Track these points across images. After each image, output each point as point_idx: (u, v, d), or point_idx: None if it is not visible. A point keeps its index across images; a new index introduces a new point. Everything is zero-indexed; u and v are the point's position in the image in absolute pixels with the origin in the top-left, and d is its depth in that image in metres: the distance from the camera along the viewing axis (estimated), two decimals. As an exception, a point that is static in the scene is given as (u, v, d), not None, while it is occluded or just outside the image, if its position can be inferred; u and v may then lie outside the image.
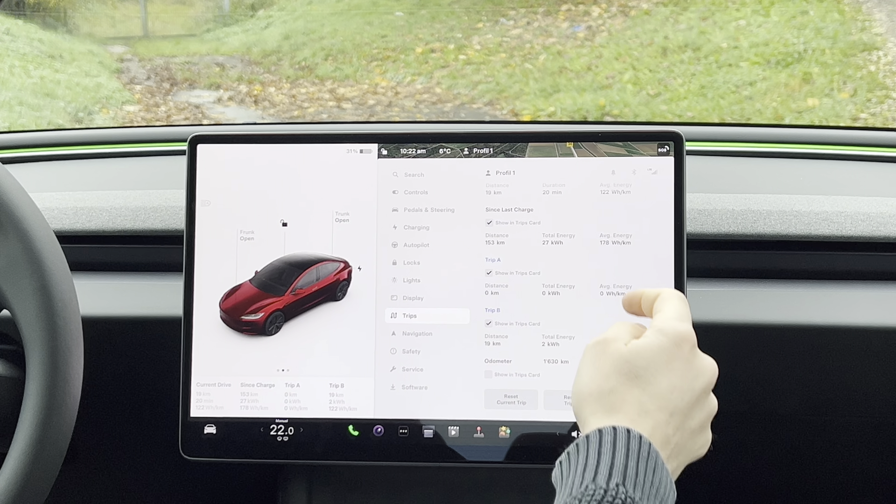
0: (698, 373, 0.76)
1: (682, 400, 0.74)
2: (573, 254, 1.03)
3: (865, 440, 1.17)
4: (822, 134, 1.47)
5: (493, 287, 1.03)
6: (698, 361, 0.77)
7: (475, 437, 1.02)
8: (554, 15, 5.66)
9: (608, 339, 0.77)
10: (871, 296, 1.14)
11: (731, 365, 1.12)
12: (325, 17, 6.07)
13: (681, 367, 0.75)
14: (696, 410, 0.76)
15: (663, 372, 0.74)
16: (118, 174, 1.46)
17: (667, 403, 0.74)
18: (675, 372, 0.75)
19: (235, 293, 1.05)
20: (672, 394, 0.74)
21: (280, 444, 1.04)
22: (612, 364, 0.75)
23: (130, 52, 6.01)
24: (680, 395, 0.74)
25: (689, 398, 0.75)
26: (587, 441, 0.71)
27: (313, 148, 1.06)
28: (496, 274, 1.03)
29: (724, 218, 1.17)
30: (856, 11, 5.12)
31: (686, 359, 0.76)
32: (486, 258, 1.04)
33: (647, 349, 0.75)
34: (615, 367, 0.75)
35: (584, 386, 0.76)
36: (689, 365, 0.76)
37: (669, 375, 0.75)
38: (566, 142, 1.04)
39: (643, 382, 0.74)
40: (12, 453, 0.89)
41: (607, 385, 0.74)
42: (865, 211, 1.18)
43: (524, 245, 1.03)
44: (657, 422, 0.73)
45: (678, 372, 0.75)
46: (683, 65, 4.86)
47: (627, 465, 0.69)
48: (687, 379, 0.75)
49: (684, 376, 0.75)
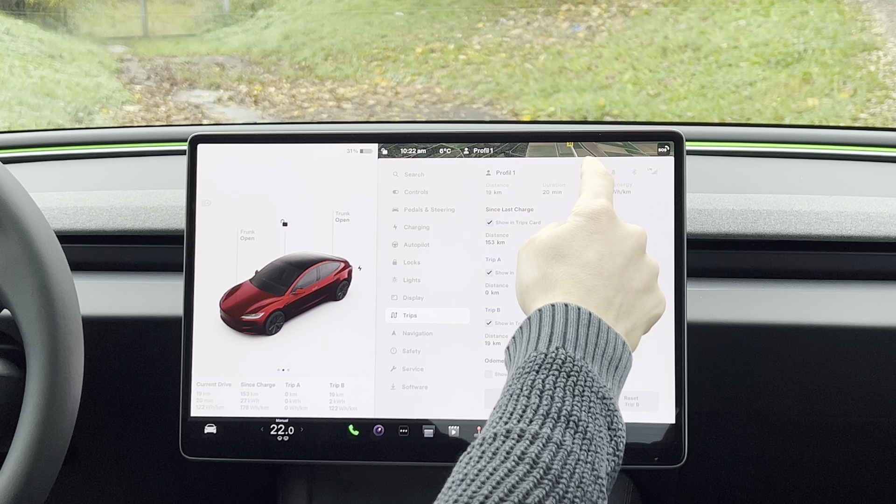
0: (623, 237, 0.79)
1: (614, 263, 0.77)
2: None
3: (864, 440, 1.17)
4: (821, 134, 1.47)
5: (493, 287, 1.03)
6: (620, 228, 0.80)
7: (475, 436, 1.02)
8: (554, 15, 5.66)
9: (532, 237, 0.80)
10: (871, 295, 1.14)
11: (731, 365, 1.12)
12: (325, 17, 6.07)
13: (602, 237, 0.78)
14: (633, 271, 0.78)
15: (587, 245, 0.77)
16: (118, 174, 1.46)
17: (598, 270, 0.76)
18: (598, 242, 0.77)
19: (236, 293, 1.05)
20: (601, 260, 0.77)
21: (280, 444, 1.04)
22: (538, 253, 0.78)
23: (130, 52, 6.01)
24: (610, 259, 0.77)
25: (620, 261, 0.78)
26: (528, 322, 0.74)
27: (313, 148, 1.06)
28: (496, 274, 1.03)
29: (725, 218, 1.17)
30: (856, 11, 5.12)
31: (606, 228, 0.79)
32: (486, 258, 1.04)
33: (565, 231, 0.78)
34: (542, 254, 0.78)
35: (521, 282, 0.79)
36: (611, 233, 0.79)
37: (594, 246, 0.77)
38: (566, 142, 1.04)
39: (570, 258, 0.77)
40: (13, 453, 0.89)
41: (539, 272, 0.77)
42: (865, 211, 1.18)
43: (524, 245, 1.03)
44: (592, 287, 0.75)
45: (601, 241, 0.78)
46: (683, 65, 4.86)
47: (566, 331, 0.72)
48: (612, 244, 0.78)
49: (609, 243, 0.78)
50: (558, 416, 0.67)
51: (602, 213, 0.79)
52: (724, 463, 1.19)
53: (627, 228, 0.80)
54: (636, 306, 0.78)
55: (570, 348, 0.71)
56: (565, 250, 0.77)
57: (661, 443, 1.01)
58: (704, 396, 1.09)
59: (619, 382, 0.74)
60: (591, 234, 0.78)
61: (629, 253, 0.78)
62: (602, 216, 0.79)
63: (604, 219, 0.79)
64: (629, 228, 0.80)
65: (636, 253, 0.79)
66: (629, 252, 0.78)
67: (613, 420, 0.70)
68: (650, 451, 1.01)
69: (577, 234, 0.78)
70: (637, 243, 0.80)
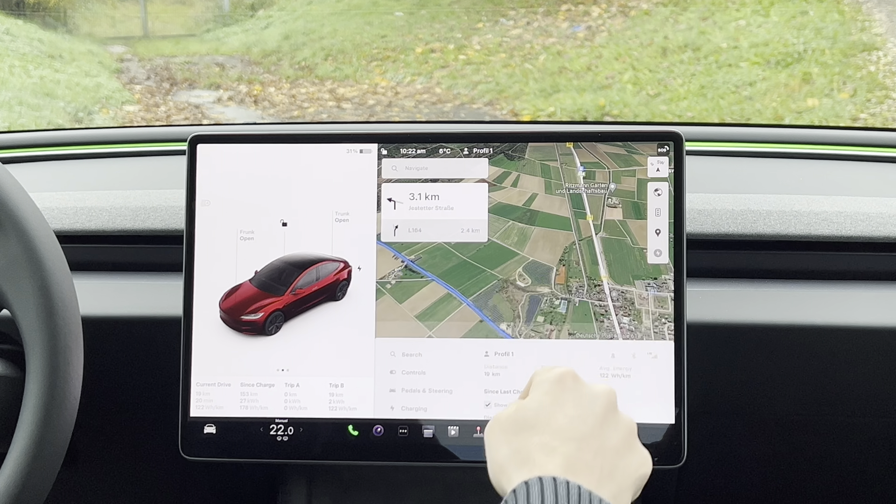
0: (592, 398, 0.76)
1: (586, 424, 0.74)
2: (573, 254, 1.03)
3: (865, 440, 1.17)
4: (821, 134, 1.47)
5: (492, 287, 1.03)
6: (587, 389, 0.77)
7: (475, 437, 1.02)
8: (554, 15, 5.66)
9: (496, 415, 0.77)
10: (871, 296, 1.14)
11: (731, 365, 1.12)
12: (325, 17, 6.07)
13: (571, 398, 0.75)
14: (609, 431, 0.75)
15: (555, 410, 0.75)
16: (118, 174, 1.46)
17: (571, 433, 0.73)
18: (568, 405, 0.75)
19: (235, 293, 1.05)
20: (573, 423, 0.74)
21: (280, 444, 1.04)
22: (506, 430, 0.75)
23: (130, 52, 6.01)
24: (581, 421, 0.74)
25: (592, 421, 0.75)
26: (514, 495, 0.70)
27: (313, 148, 1.06)
28: (496, 274, 1.03)
29: (724, 218, 1.17)
30: (856, 12, 5.12)
31: (573, 389, 0.76)
32: (485, 258, 1.04)
33: (531, 401, 0.76)
34: (510, 429, 0.75)
35: (493, 463, 0.76)
36: (579, 394, 0.76)
37: (563, 410, 0.75)
38: (566, 142, 1.04)
39: (540, 427, 0.74)
40: (12, 453, 0.89)
41: (510, 448, 0.74)
42: (865, 211, 1.18)
43: (524, 245, 1.03)
44: (568, 453, 0.72)
45: (570, 403, 0.75)
46: (683, 65, 4.86)
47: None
48: (582, 406, 0.75)
49: (578, 405, 0.75)
50: None
51: (565, 375, 0.77)
52: (723, 463, 1.19)
53: (595, 388, 0.77)
54: (618, 467, 0.74)
55: None
56: (533, 420, 0.74)
57: (660, 443, 1.01)
58: (704, 397, 1.09)
59: None
60: (557, 398, 0.75)
61: (601, 412, 0.76)
62: (566, 378, 0.77)
63: (569, 380, 0.77)
64: (597, 388, 0.78)
65: (608, 411, 0.76)
66: (601, 411, 0.76)
67: None
68: (649, 452, 1.01)
69: (543, 401, 0.75)
70: (608, 402, 0.77)
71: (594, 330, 1.02)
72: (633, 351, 1.01)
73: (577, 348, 1.02)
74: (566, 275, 1.03)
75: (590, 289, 1.03)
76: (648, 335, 1.02)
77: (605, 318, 1.02)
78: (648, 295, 1.02)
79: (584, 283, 1.03)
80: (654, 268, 1.03)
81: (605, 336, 1.02)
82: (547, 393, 0.76)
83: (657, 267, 1.03)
